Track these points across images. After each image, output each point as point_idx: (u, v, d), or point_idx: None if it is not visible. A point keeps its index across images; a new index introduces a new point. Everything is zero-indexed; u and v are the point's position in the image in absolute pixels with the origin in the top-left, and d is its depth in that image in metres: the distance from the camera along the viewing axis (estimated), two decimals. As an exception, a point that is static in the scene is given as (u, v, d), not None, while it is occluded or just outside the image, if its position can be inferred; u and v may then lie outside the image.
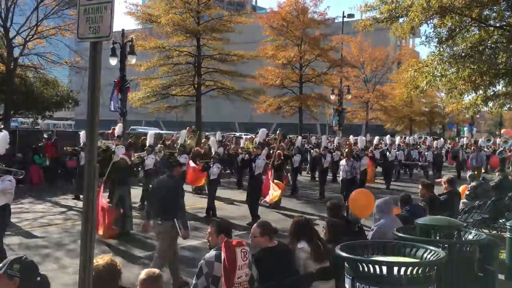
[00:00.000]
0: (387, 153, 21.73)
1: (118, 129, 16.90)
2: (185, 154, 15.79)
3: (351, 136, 22.05)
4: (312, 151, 22.64)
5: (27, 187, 16.21)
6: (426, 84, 13.21)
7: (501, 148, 30.36)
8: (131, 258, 8.78)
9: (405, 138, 31.60)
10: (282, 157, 15.57)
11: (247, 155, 14.10)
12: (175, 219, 7.10)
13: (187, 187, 14.67)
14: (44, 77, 23.81)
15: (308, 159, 22.70)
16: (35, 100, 22.55)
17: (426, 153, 25.36)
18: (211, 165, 13.52)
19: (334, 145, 23.34)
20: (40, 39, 22.80)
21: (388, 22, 13.09)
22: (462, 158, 26.73)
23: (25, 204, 13.71)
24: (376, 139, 25.85)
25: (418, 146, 27.84)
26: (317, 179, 19.68)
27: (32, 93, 22.35)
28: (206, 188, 14.54)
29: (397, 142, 25.83)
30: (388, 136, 25.95)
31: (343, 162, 14.36)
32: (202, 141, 22.96)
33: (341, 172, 14.38)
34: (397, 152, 23.26)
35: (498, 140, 36.84)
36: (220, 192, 14.47)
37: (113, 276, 3.69)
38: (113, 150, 13.53)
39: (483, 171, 22.91)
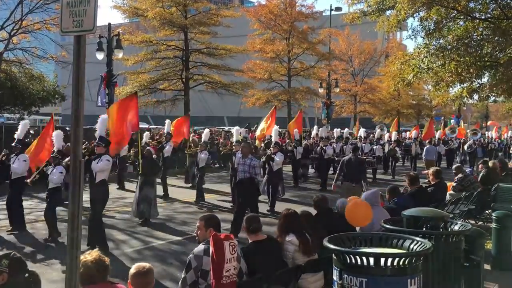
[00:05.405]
0: (318, 147, 19.01)
1: None
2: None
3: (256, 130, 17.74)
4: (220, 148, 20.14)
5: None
6: (413, 77, 13.29)
7: (470, 141, 27.12)
8: (119, 253, 8.76)
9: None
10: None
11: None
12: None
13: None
14: (29, 72, 23.55)
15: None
16: (21, 95, 22.31)
17: (375, 147, 22.38)
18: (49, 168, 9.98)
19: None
20: (25, 34, 22.53)
21: (376, 15, 13.13)
22: (415, 152, 24.29)
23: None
24: (315, 131, 23.79)
25: (380, 140, 24.73)
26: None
27: (18, 88, 22.09)
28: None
29: (345, 135, 23.89)
30: (322, 128, 23.60)
31: (239, 160, 11.23)
32: (191, 135, 22.91)
33: (237, 173, 11.18)
34: (345, 147, 20.90)
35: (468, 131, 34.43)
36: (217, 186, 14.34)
37: (102, 272, 3.69)
38: None
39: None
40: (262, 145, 17.62)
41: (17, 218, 10.27)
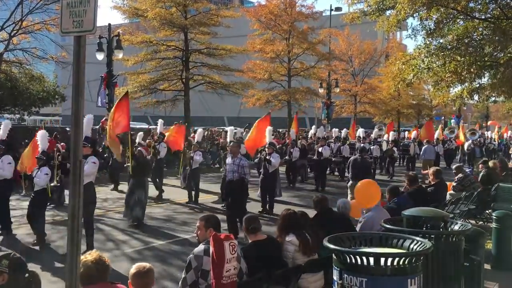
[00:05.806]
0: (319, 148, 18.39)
1: None
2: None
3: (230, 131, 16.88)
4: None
5: (13, 184, 15.93)
6: (413, 77, 13.29)
7: (469, 141, 26.85)
8: (119, 253, 8.76)
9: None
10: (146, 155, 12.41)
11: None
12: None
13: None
14: (29, 72, 23.57)
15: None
16: (21, 96, 22.33)
17: (372, 147, 21.57)
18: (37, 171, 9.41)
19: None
20: (25, 34, 22.52)
21: (376, 15, 13.13)
22: (413, 152, 23.91)
23: (12, 201, 13.49)
24: (312, 131, 23.45)
25: (377, 139, 24.39)
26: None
27: (18, 89, 22.11)
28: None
29: (343, 135, 23.26)
30: (320, 128, 23.33)
31: (228, 160, 11.11)
32: (191, 135, 22.93)
33: (227, 173, 11.21)
34: (342, 147, 20.54)
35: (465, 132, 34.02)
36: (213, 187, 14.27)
37: (102, 272, 3.69)
38: None
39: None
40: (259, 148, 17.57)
41: (4, 220, 10.21)
